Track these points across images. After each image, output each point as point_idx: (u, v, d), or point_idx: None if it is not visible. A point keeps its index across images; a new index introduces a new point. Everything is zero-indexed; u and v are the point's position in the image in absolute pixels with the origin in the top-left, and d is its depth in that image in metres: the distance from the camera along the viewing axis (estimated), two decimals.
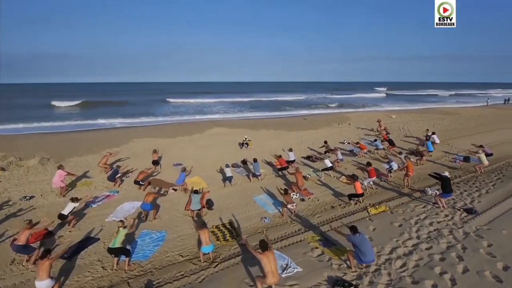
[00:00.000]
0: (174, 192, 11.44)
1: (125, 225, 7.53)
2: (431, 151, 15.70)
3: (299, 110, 43.16)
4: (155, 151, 14.54)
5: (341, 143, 18.89)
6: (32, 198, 10.76)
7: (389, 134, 20.02)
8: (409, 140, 19.93)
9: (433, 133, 18.24)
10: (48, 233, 8.10)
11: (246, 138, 18.87)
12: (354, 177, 10.65)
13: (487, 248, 7.23)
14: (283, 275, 6.35)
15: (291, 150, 14.70)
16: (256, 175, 12.71)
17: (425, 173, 12.88)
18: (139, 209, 9.71)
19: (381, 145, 17.00)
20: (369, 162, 12.35)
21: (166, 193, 11.29)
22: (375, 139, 17.81)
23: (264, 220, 9.28)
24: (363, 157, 15.91)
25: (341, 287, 5.98)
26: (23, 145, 18.25)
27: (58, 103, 48.01)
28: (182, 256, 7.47)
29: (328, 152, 14.98)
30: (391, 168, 12.80)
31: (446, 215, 9.08)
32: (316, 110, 43.69)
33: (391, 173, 12.76)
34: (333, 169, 13.51)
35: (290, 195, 9.92)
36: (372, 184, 11.81)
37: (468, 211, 9.24)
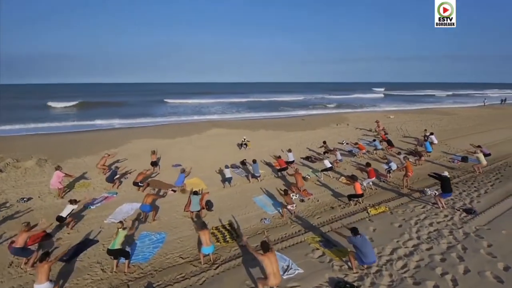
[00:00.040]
0: (173, 194, 11.38)
1: (125, 227, 7.48)
2: (430, 152, 15.73)
3: (297, 111, 43.19)
4: (154, 152, 14.46)
5: (340, 144, 18.90)
6: (30, 200, 10.66)
7: (388, 135, 20.10)
8: (408, 141, 19.97)
9: (431, 134, 18.30)
10: (46, 236, 8.03)
11: (245, 139, 18.83)
12: (354, 178, 10.66)
13: (487, 249, 7.24)
14: (285, 277, 6.32)
15: (290, 151, 14.69)
16: (256, 176, 12.69)
17: (424, 174, 12.93)
18: (138, 211, 9.65)
19: (380, 146, 17.03)
20: (369, 163, 12.37)
21: (165, 195, 11.23)
22: (374, 139, 17.84)
23: (264, 221, 9.25)
24: (362, 158, 15.93)
25: None
26: (20, 146, 18.09)
27: (55, 104, 47.72)
28: (182, 258, 7.42)
29: (327, 153, 14.98)
30: (390, 169, 12.83)
31: (446, 215, 9.10)
32: (314, 111, 43.73)
33: (390, 174, 12.79)
34: (332, 170, 13.51)
35: (290, 196, 9.90)
36: (372, 185, 11.82)
37: (468, 211, 9.26)
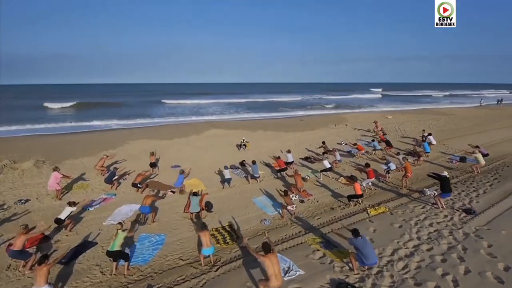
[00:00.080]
0: (173, 195, 11.33)
1: (124, 228, 7.42)
2: (428, 152, 15.76)
3: (296, 111, 43.22)
4: (153, 153, 14.38)
5: (339, 144, 18.91)
6: (28, 202, 10.56)
7: (386, 135, 20.14)
8: (406, 141, 20.03)
9: (429, 134, 18.35)
10: (45, 238, 7.92)
11: (244, 140, 18.80)
12: (354, 178, 10.66)
13: (488, 249, 7.25)
14: (286, 278, 6.29)
15: (289, 152, 14.67)
16: (255, 177, 12.65)
17: (423, 174, 12.97)
18: (138, 212, 9.59)
19: (379, 146, 17.05)
20: (368, 163, 12.37)
21: (165, 196, 11.17)
22: (373, 139, 17.87)
23: (264, 222, 9.22)
24: (361, 158, 15.95)
25: None
26: (17, 148, 17.93)
27: (51, 105, 47.20)
28: (182, 260, 7.37)
29: (326, 153, 14.99)
30: (389, 169, 12.86)
31: (446, 216, 9.12)
32: (313, 111, 43.79)
33: (389, 174, 12.81)
34: (332, 170, 13.51)
35: (290, 197, 9.88)
36: (371, 185, 11.83)
37: (467, 212, 9.29)
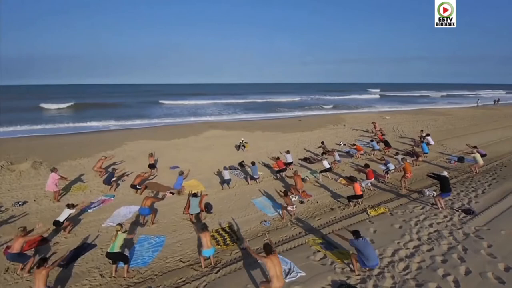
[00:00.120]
0: (172, 196, 11.28)
1: (124, 229, 7.37)
2: (426, 153, 15.78)
3: (294, 112, 43.29)
4: (151, 155, 14.31)
5: (337, 145, 18.94)
6: (25, 204, 10.46)
7: (385, 135, 20.18)
8: (404, 141, 20.09)
9: (428, 135, 18.40)
10: (43, 240, 7.87)
11: (243, 140, 18.77)
12: (353, 179, 10.66)
13: (488, 249, 7.26)
14: (287, 280, 6.26)
15: (289, 152, 14.67)
16: (254, 178, 12.62)
17: (422, 174, 13.01)
18: (137, 214, 9.54)
19: (378, 146, 17.08)
20: (367, 164, 12.40)
21: (164, 197, 11.11)
22: (371, 140, 17.90)
23: (264, 224, 9.20)
24: (360, 159, 15.97)
25: None
26: (14, 149, 17.78)
27: (48, 106, 46.74)
28: (183, 262, 7.33)
29: (326, 154, 14.99)
30: (388, 169, 12.88)
31: (445, 216, 9.13)
32: (311, 112, 43.87)
33: (388, 174, 12.83)
34: (331, 171, 13.51)
35: (290, 197, 9.87)
36: (370, 186, 11.84)
37: (466, 212, 9.31)
